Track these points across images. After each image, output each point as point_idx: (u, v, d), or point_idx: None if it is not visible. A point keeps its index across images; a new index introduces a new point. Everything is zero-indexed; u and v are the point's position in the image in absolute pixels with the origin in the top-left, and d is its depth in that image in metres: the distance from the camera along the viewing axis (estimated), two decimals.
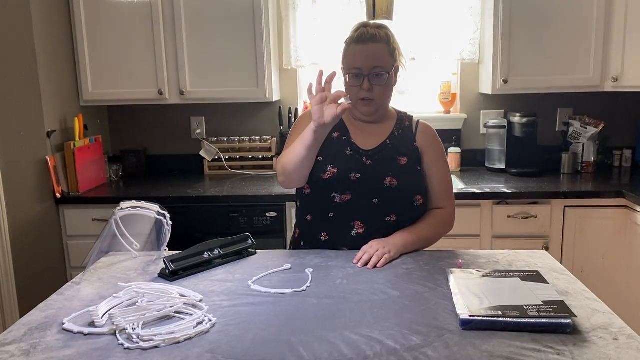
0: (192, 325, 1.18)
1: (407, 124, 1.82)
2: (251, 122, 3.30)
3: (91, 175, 2.90)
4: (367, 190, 1.68)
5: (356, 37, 1.69)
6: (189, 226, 2.66)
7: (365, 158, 1.73)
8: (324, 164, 1.72)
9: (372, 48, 1.68)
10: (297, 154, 1.65)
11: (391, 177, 1.69)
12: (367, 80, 1.67)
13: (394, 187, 1.68)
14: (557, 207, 2.65)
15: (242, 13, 2.86)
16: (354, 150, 1.74)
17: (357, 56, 1.68)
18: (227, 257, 1.63)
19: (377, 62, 1.68)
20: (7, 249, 2.46)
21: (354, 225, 1.69)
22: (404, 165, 1.73)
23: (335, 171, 1.69)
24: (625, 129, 3.20)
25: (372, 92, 1.69)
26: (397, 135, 1.78)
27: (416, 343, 1.11)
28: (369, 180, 1.69)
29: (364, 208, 1.68)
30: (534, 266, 1.54)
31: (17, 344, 1.15)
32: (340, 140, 1.75)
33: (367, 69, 1.67)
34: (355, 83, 1.69)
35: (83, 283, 1.50)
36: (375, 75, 1.67)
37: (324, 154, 1.73)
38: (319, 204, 1.72)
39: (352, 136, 1.76)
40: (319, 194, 1.72)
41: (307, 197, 1.75)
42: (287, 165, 1.67)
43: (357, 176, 1.69)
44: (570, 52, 2.83)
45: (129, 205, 1.61)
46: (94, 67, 2.93)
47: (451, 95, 3.21)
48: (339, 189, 1.68)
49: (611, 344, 1.09)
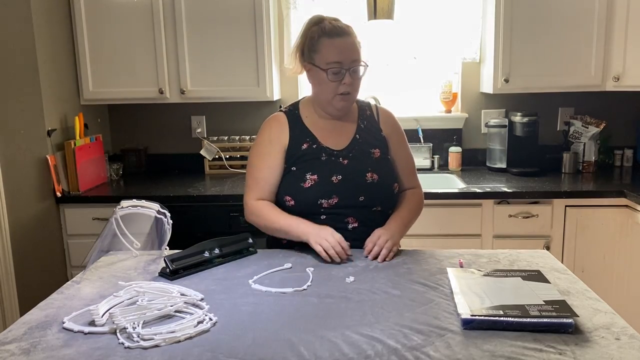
0: (192, 324, 1.18)
1: (368, 113, 1.82)
2: (252, 121, 3.30)
3: (91, 174, 2.89)
4: (351, 189, 1.69)
5: (328, 30, 1.66)
6: (189, 225, 2.65)
7: (341, 158, 1.73)
8: (301, 173, 1.70)
9: (348, 41, 1.66)
10: (273, 228, 1.70)
11: (371, 172, 1.71)
12: (349, 75, 1.65)
13: (376, 182, 1.71)
14: (558, 206, 2.64)
15: (243, 12, 2.86)
16: (328, 154, 1.72)
17: (336, 50, 1.64)
18: (227, 256, 1.63)
19: (355, 55, 1.67)
20: (8, 247, 2.46)
21: (348, 221, 1.70)
22: (378, 158, 1.75)
23: (316, 178, 1.69)
24: (627, 129, 3.19)
25: (352, 85, 1.68)
26: (363, 127, 1.79)
27: (417, 342, 1.10)
28: (351, 179, 1.69)
29: (353, 206, 1.70)
30: (535, 266, 1.53)
31: (17, 343, 1.15)
32: (312, 149, 1.73)
33: (348, 63, 1.65)
34: (336, 78, 1.66)
35: (83, 282, 1.49)
36: (353, 69, 1.66)
37: (298, 165, 1.72)
38: (306, 212, 1.69)
39: (320, 141, 1.74)
40: (303, 203, 1.70)
41: (292, 208, 1.72)
42: (259, 225, 1.74)
43: (339, 178, 1.69)
44: (571, 52, 2.83)
45: (130, 204, 1.61)
46: (94, 65, 2.93)
47: (452, 94, 3.20)
48: (324, 195, 1.67)
49: (613, 343, 1.09)
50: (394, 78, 3.25)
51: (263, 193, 1.74)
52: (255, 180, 1.75)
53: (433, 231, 2.66)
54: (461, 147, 3.19)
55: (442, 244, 2.61)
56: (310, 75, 1.73)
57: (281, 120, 1.78)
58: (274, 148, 1.74)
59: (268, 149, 1.74)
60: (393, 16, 2.85)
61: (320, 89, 1.71)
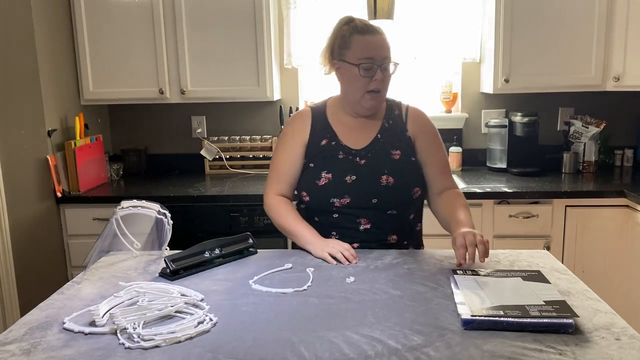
0: (193, 324, 1.18)
1: (396, 113, 1.79)
2: (252, 121, 3.30)
3: (92, 174, 2.90)
4: (364, 191, 1.67)
5: (360, 27, 1.66)
6: (189, 225, 2.65)
7: (358, 158, 1.71)
8: (317, 171, 1.71)
9: (380, 38, 1.67)
10: (284, 229, 1.73)
11: (387, 175, 1.68)
12: (380, 71, 1.65)
13: (391, 185, 1.68)
14: (559, 206, 2.64)
15: (243, 12, 2.86)
16: (345, 153, 1.72)
17: (369, 46, 1.65)
18: (227, 257, 1.63)
19: (386, 52, 1.67)
20: (8, 248, 2.46)
21: (360, 222, 1.69)
22: (398, 160, 1.71)
23: (330, 176, 1.69)
24: (627, 129, 3.19)
25: (382, 82, 1.67)
26: (387, 127, 1.76)
27: (417, 343, 1.11)
28: (365, 180, 1.68)
29: (365, 207, 1.68)
30: (536, 266, 1.53)
31: (17, 343, 1.15)
32: (330, 146, 1.73)
33: (380, 59, 1.65)
34: (367, 74, 1.65)
35: (84, 282, 1.49)
36: (384, 66, 1.66)
37: (315, 161, 1.73)
38: (320, 209, 1.72)
39: (341, 139, 1.74)
40: (317, 200, 1.71)
41: (307, 203, 1.75)
42: (273, 221, 1.77)
43: (353, 178, 1.68)
44: (571, 52, 2.83)
45: (130, 204, 1.61)
46: (94, 66, 2.93)
47: (452, 94, 3.20)
48: (336, 194, 1.68)
49: (613, 344, 1.09)
50: (394, 78, 3.24)
51: (282, 187, 1.77)
52: (276, 173, 1.78)
53: (433, 231, 2.64)
54: (461, 147, 3.19)
55: (443, 244, 2.60)
56: (340, 73, 1.72)
57: (305, 115, 1.79)
58: (295, 142, 1.76)
59: (290, 143, 1.77)
60: (393, 16, 2.84)
61: (350, 86, 1.70)
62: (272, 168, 1.81)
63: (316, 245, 1.63)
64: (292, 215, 1.73)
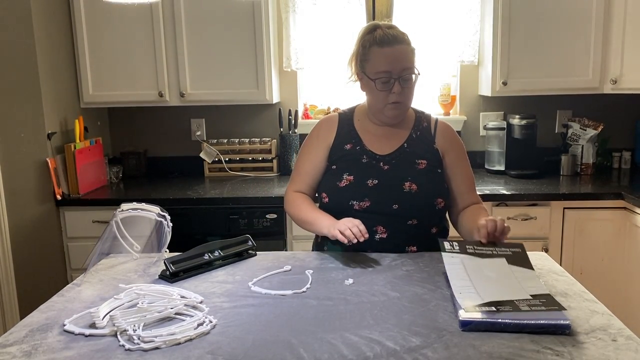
0: (192, 326, 1.18)
1: (425, 125, 1.78)
2: (251, 124, 3.31)
3: (91, 177, 2.90)
4: (385, 196, 1.66)
5: (379, 39, 1.64)
6: (189, 228, 2.66)
7: (382, 163, 1.70)
8: (339, 173, 1.71)
9: (399, 50, 1.64)
10: (301, 219, 1.74)
11: (410, 181, 1.66)
12: (398, 84, 1.64)
13: (414, 192, 1.65)
14: (557, 208, 2.65)
15: (242, 15, 2.87)
16: (369, 157, 1.72)
17: (386, 59, 1.63)
18: (227, 259, 1.64)
19: (406, 63, 1.65)
20: (8, 250, 2.47)
21: (376, 230, 1.66)
22: (423, 169, 1.69)
23: (352, 179, 1.68)
24: (625, 131, 3.20)
25: (402, 94, 1.66)
26: (415, 137, 1.75)
27: (416, 344, 1.11)
28: (387, 185, 1.66)
29: (384, 214, 1.66)
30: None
31: (18, 345, 1.15)
32: (354, 150, 1.73)
33: (397, 72, 1.63)
34: (385, 87, 1.65)
35: (84, 284, 1.50)
36: (404, 78, 1.64)
37: (338, 164, 1.73)
38: (338, 211, 1.68)
39: (365, 144, 1.74)
40: (336, 202, 1.71)
41: (326, 205, 1.74)
42: (291, 215, 1.79)
43: (375, 182, 1.67)
44: (569, 54, 2.84)
45: (130, 207, 1.61)
46: (94, 69, 2.94)
47: (450, 97, 3.21)
48: (356, 196, 1.67)
49: (610, 345, 1.10)
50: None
51: (302, 187, 1.79)
52: (297, 173, 1.81)
53: None
54: None
55: None
56: (363, 84, 1.73)
57: (332, 120, 1.81)
58: (320, 145, 1.78)
59: (315, 145, 1.79)
60: (392, 18, 2.86)
61: (371, 97, 1.71)
62: (294, 168, 1.84)
63: (329, 228, 1.59)
64: (308, 205, 1.74)
